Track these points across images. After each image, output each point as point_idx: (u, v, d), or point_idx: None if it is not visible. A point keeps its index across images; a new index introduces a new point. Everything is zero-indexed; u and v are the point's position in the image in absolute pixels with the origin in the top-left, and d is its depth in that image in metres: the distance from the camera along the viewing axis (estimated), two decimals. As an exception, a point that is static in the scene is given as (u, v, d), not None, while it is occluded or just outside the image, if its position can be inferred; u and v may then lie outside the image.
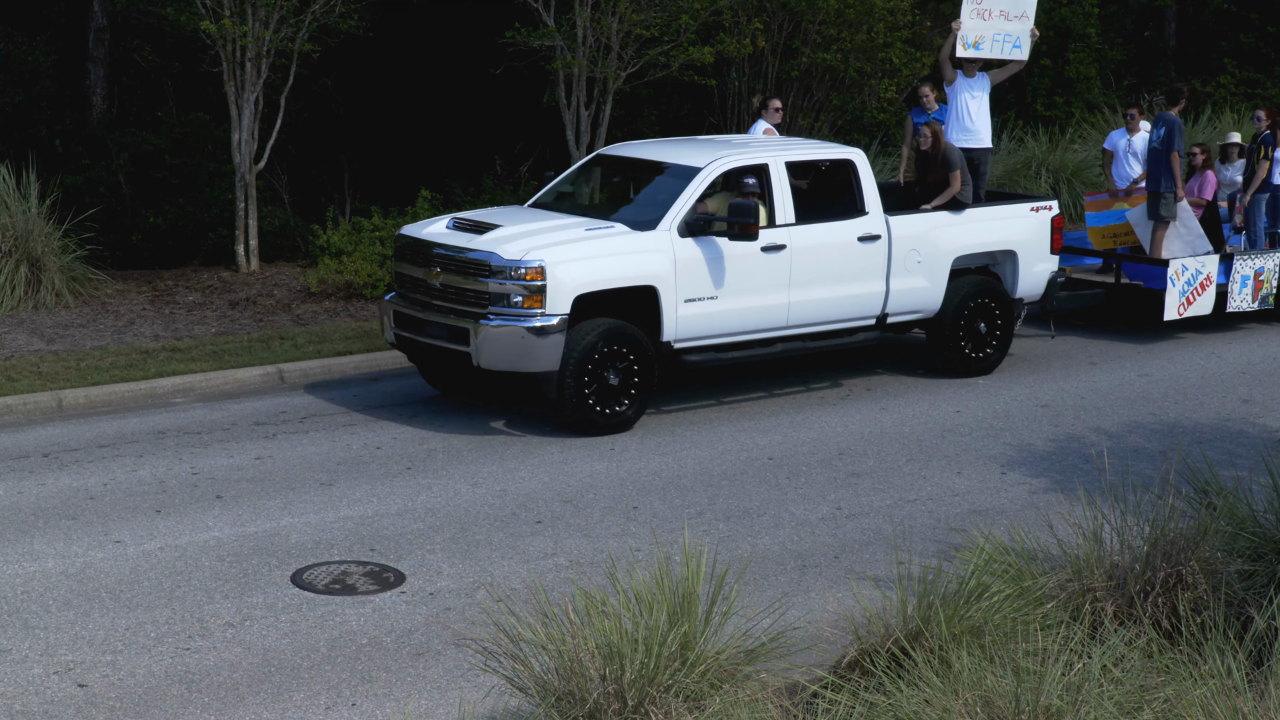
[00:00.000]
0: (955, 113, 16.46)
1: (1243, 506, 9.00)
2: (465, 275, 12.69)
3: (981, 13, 16.38)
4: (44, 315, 16.25)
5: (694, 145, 14.43)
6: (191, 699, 8.17)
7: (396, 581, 9.78)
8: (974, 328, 14.98)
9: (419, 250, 13.16)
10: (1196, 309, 16.71)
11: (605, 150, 14.79)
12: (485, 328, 12.46)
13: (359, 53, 20.34)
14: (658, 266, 12.90)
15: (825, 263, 13.82)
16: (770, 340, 13.77)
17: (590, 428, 12.71)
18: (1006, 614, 7.88)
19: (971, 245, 14.97)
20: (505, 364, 12.55)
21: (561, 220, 13.30)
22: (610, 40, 18.58)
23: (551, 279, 12.42)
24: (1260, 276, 17.12)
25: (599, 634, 7.24)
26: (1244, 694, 6.90)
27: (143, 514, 10.86)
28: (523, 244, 12.60)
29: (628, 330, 12.75)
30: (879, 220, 14.23)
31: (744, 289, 13.35)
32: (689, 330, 13.17)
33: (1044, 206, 15.52)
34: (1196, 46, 29.77)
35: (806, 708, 7.47)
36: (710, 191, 13.62)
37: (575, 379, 12.54)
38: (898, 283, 14.36)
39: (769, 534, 10.80)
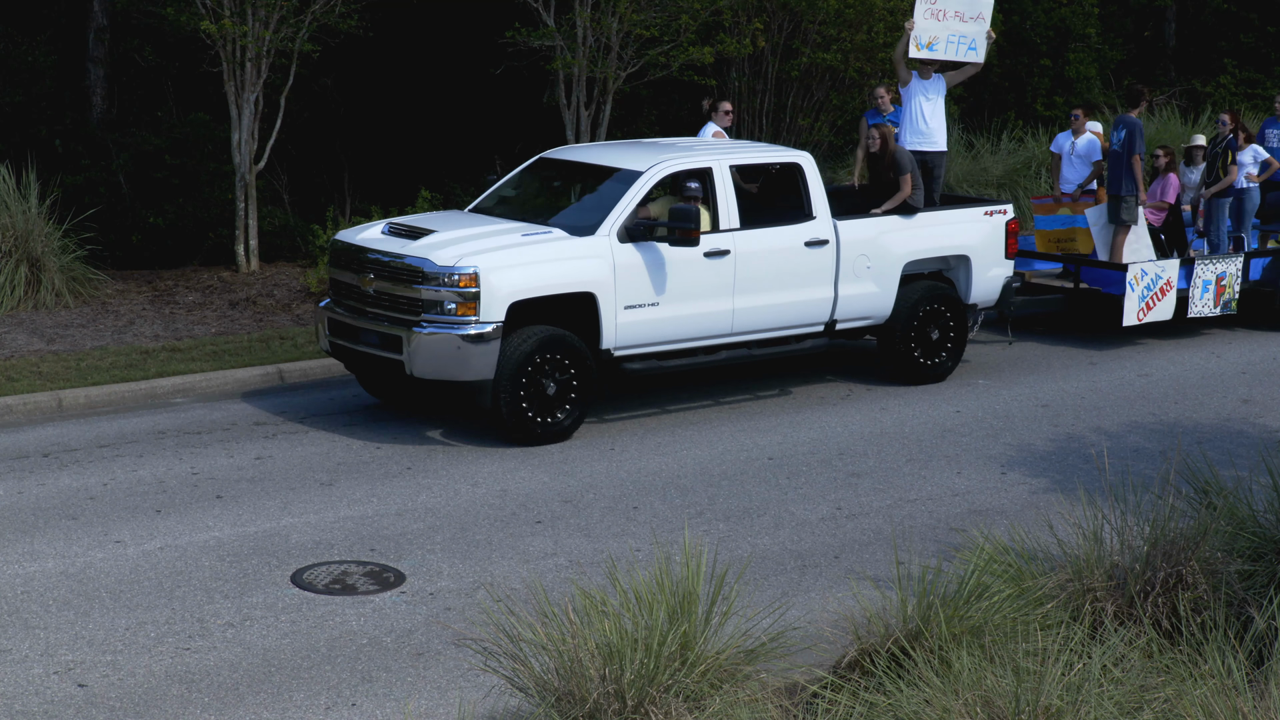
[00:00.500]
0: (909, 115, 16.08)
1: (1243, 506, 9.00)
2: (398, 282, 12.42)
3: (936, 13, 16.01)
4: (44, 315, 16.25)
5: (637, 149, 14.20)
6: (191, 699, 8.17)
7: (396, 581, 9.78)
8: (926, 334, 14.67)
9: (353, 256, 12.87)
10: (1156, 314, 16.42)
11: (548, 154, 14.45)
12: (418, 335, 12.19)
13: (359, 53, 20.34)
14: (596, 273, 12.62)
15: (771, 268, 13.54)
16: (714, 348, 13.49)
17: (526, 438, 12.43)
18: (1006, 614, 7.87)
19: (923, 250, 14.67)
20: (438, 372, 12.28)
21: (499, 225, 13.05)
22: (610, 40, 18.58)
23: (485, 286, 12.14)
24: (1223, 281, 16.83)
25: (599, 634, 7.24)
26: (1244, 694, 6.90)
27: (143, 514, 10.86)
28: (456, 250, 12.32)
29: (565, 338, 12.48)
30: (827, 225, 13.94)
31: (686, 295, 13.07)
32: (629, 338, 12.90)
33: (998, 211, 15.21)
34: (1196, 46, 29.77)
35: (806, 708, 7.47)
36: (652, 196, 13.37)
37: (511, 388, 12.27)
38: (847, 288, 14.06)
39: (769, 534, 10.80)
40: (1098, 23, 26.53)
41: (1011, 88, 25.64)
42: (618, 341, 12.85)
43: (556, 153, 14.43)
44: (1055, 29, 25.70)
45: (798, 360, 14.67)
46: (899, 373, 14.70)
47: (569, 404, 12.58)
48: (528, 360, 12.30)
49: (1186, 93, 28.16)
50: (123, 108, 20.72)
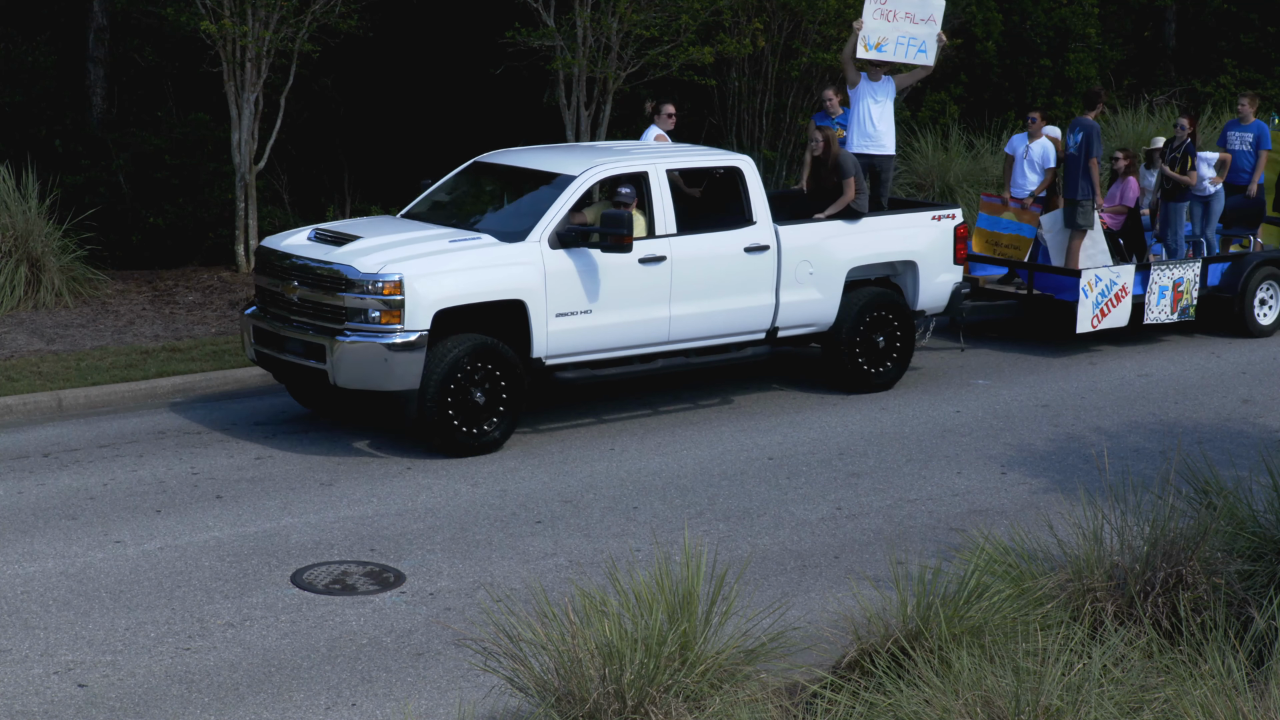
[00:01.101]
0: (857, 117, 15.72)
1: (1243, 506, 9.00)
2: (322, 289, 12.13)
3: (885, 13, 15.65)
4: (44, 315, 16.25)
5: (573, 153, 13.90)
6: (191, 699, 8.17)
7: (396, 581, 9.78)
8: (871, 342, 14.35)
9: (278, 263, 12.57)
10: (1111, 321, 16.10)
11: (482, 157, 14.09)
12: (342, 344, 11.89)
13: (359, 53, 20.34)
14: (526, 279, 12.33)
15: (709, 275, 13.25)
16: (651, 356, 13.19)
17: (454, 449, 12.13)
18: (1006, 614, 7.87)
19: (868, 256, 14.33)
20: (363, 382, 11.98)
21: (427, 231, 12.78)
22: (610, 40, 18.58)
23: (410, 293, 11.85)
24: (1180, 287, 16.52)
25: (599, 634, 7.24)
26: (1244, 694, 6.90)
27: (143, 514, 10.86)
28: (380, 256, 12.04)
29: (494, 347, 12.18)
30: (767, 230, 13.63)
31: (620, 302, 12.78)
32: (561, 346, 12.60)
33: (946, 215, 14.87)
34: (1196, 46, 29.76)
35: (806, 708, 7.47)
36: (586, 201, 13.16)
37: (437, 398, 11.97)
38: (788, 295, 13.75)
39: (769, 534, 10.80)
40: (1098, 23, 26.51)
41: (1011, 88, 25.62)
42: (549, 350, 12.54)
43: (491, 156, 14.10)
44: (1055, 29, 25.68)
45: (745, 368, 14.38)
46: (843, 381, 14.36)
47: (499, 414, 12.27)
48: (455, 370, 12.00)
49: (1186, 93, 28.15)
50: (123, 108, 20.72)
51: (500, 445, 12.33)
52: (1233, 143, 18.02)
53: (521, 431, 13.00)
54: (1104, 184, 17.42)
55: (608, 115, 19.11)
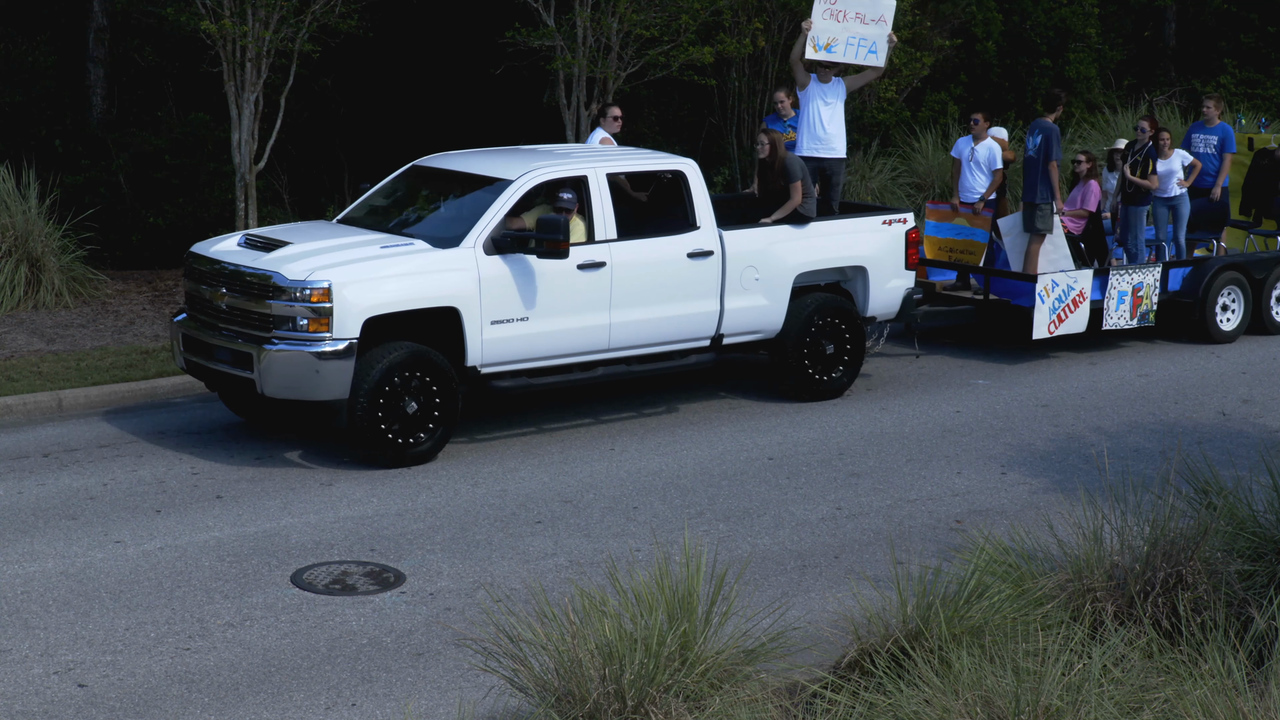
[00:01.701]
0: (807, 120, 15.40)
1: (1243, 506, 8.99)
2: (249, 296, 11.88)
3: (835, 13, 15.30)
4: (44, 315, 16.25)
5: (512, 156, 13.49)
6: (191, 699, 8.17)
7: (396, 581, 9.78)
8: (820, 349, 14.03)
9: (207, 269, 12.34)
10: (1069, 327, 15.76)
11: (421, 161, 13.79)
12: (269, 353, 11.64)
13: (359, 53, 20.34)
14: (460, 286, 12.03)
15: (651, 281, 12.96)
16: (591, 364, 12.89)
17: (386, 460, 11.85)
18: (1006, 614, 7.87)
19: (816, 261, 14.01)
20: (290, 391, 11.75)
21: (360, 237, 12.50)
22: (610, 40, 18.58)
23: (339, 300, 11.58)
24: (1139, 292, 16.19)
25: (598, 634, 7.24)
26: (1244, 694, 6.90)
27: (143, 514, 10.86)
28: (309, 263, 11.78)
29: (427, 355, 11.89)
30: (711, 235, 13.34)
31: (558, 309, 12.49)
32: (497, 354, 12.30)
33: (898, 219, 14.54)
34: (1196, 46, 29.77)
35: (806, 708, 7.47)
36: (525, 205, 12.74)
37: (368, 408, 11.69)
38: (733, 301, 13.44)
39: (769, 534, 10.80)
40: (1098, 23, 26.52)
41: (1011, 88, 25.63)
42: (484, 358, 12.26)
43: (429, 160, 13.77)
44: (1055, 29, 25.69)
45: (693, 375, 14.17)
46: (792, 389, 14.07)
47: (432, 424, 11.99)
48: (386, 379, 11.72)
49: (1186, 93, 28.15)
50: (123, 108, 20.72)
51: (434, 456, 12.05)
52: (1197, 145, 17.76)
53: (522, 431, 13.01)
54: (1065, 187, 17.18)
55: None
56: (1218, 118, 17.89)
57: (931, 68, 22.00)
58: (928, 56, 21.36)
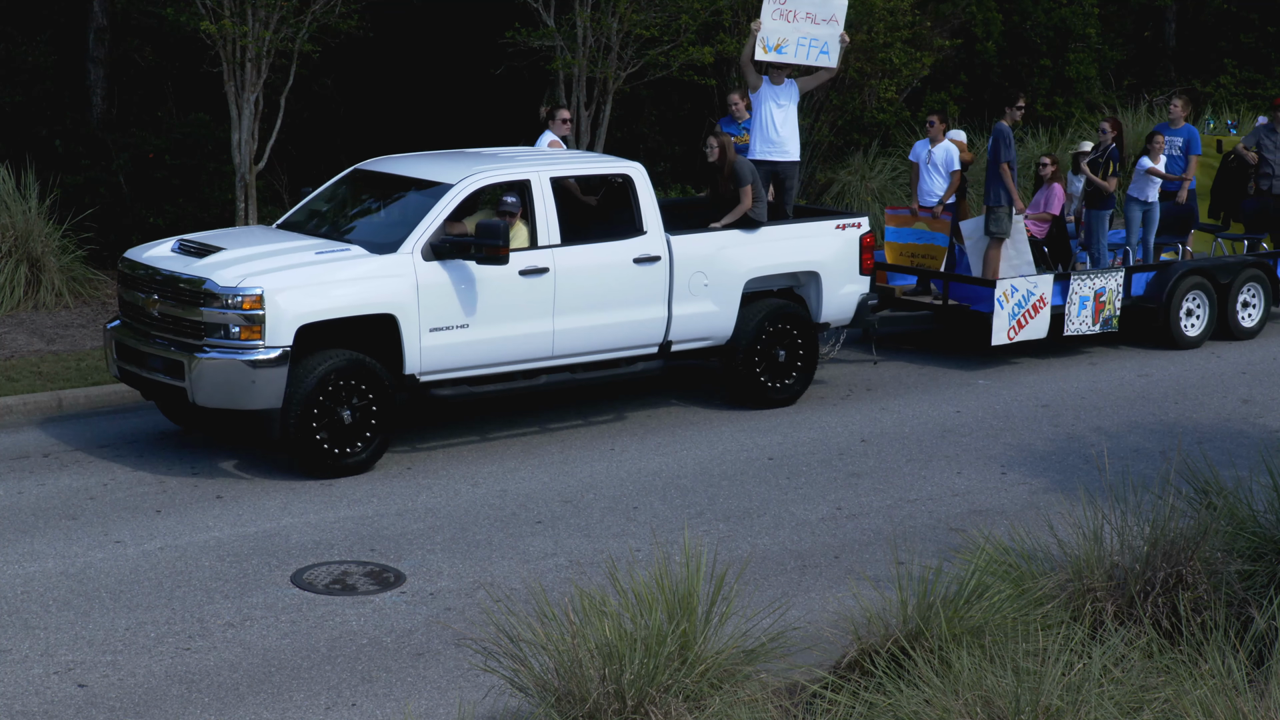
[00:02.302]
0: (759, 122, 15.04)
1: (1243, 506, 9.00)
2: (181, 303, 11.63)
3: (785, 14, 14.89)
4: (44, 315, 16.25)
5: (454, 159, 13.24)
6: (191, 699, 8.17)
7: (396, 581, 9.78)
8: (771, 356, 13.80)
9: (139, 275, 12.08)
10: (1029, 333, 15.42)
11: (362, 165, 13.57)
12: (200, 361, 11.41)
13: (359, 53, 20.34)
14: (397, 293, 11.79)
15: (595, 287, 12.72)
16: (534, 371, 12.66)
17: (321, 470, 11.61)
18: (1007, 614, 7.87)
19: (767, 266, 13.78)
20: (222, 401, 11.48)
21: (297, 242, 12.30)
22: (610, 40, 18.58)
23: (271, 307, 11.34)
24: (1102, 297, 15.88)
25: (598, 634, 7.24)
26: (1244, 694, 6.90)
27: (143, 514, 10.86)
28: (241, 269, 11.56)
29: (363, 363, 11.66)
30: (658, 240, 13.09)
31: (500, 316, 12.24)
32: (436, 362, 12.04)
33: (851, 224, 14.31)
34: (1196, 46, 29.78)
35: (806, 708, 7.47)
36: (467, 210, 12.60)
37: (301, 417, 11.43)
38: (682, 308, 13.20)
39: (769, 534, 10.80)
40: (1098, 23, 26.53)
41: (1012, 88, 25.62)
42: (423, 366, 12.00)
43: (371, 164, 13.55)
44: (1055, 29, 25.70)
45: (643, 382, 13.97)
46: (743, 396, 13.82)
47: (369, 433, 11.77)
48: (320, 388, 11.48)
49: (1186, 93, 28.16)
50: (123, 108, 20.71)
51: (371, 466, 11.83)
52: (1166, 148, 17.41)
53: (523, 432, 13.01)
54: (1029, 190, 16.95)
55: (608, 115, 19.11)
56: (1184, 119, 17.65)
57: (931, 68, 21.99)
58: (928, 56, 21.35)
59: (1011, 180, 15.74)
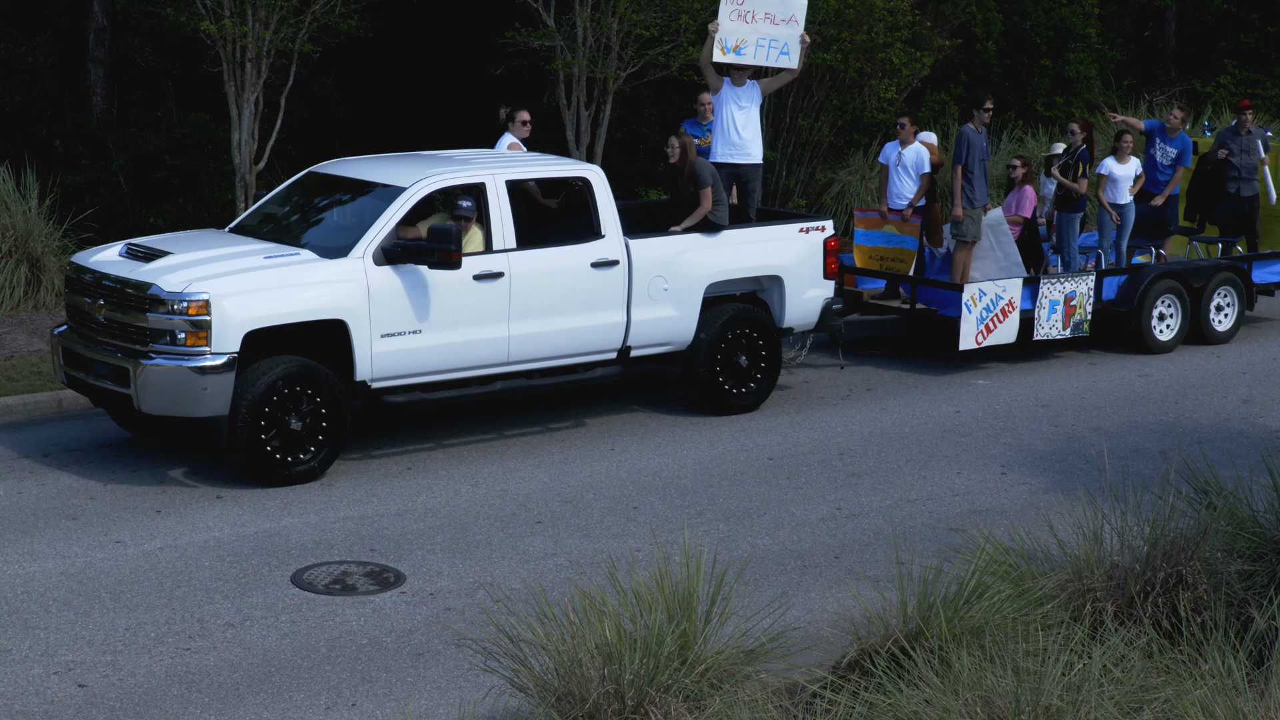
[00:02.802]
0: (721, 124, 14.82)
1: (1243, 506, 9.00)
2: (127, 309, 11.41)
3: (744, 14, 14.68)
4: (44, 315, 16.24)
5: (409, 162, 13.06)
6: (191, 699, 8.17)
7: (396, 581, 9.78)
8: (733, 361, 13.60)
9: (86, 280, 11.86)
10: (997, 337, 15.23)
11: (317, 167, 13.33)
12: (146, 367, 11.18)
13: (359, 53, 20.34)
14: (347, 298, 11.58)
15: (552, 291, 12.53)
16: (490, 378, 12.44)
17: (269, 478, 11.40)
18: (1007, 614, 7.88)
19: (728, 271, 13.58)
20: (168, 408, 11.28)
21: (246, 247, 12.08)
22: (610, 40, 18.59)
23: (217, 313, 11.13)
24: (1072, 301, 15.66)
25: (598, 634, 7.24)
26: (1244, 694, 6.90)
27: (143, 514, 10.86)
28: (187, 274, 11.33)
29: (313, 369, 11.45)
30: (617, 244, 12.89)
31: (453, 322, 12.04)
32: (388, 368, 11.84)
33: (815, 227, 14.07)
34: (1196, 46, 29.79)
35: (806, 708, 7.47)
36: (421, 213, 12.41)
37: (249, 425, 11.23)
38: (641, 312, 13.00)
39: (769, 534, 10.80)
40: (1098, 23, 26.54)
41: (1011, 88, 25.64)
42: (374, 373, 11.81)
43: (325, 166, 13.31)
44: (1055, 29, 25.70)
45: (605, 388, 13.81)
46: (705, 402, 13.63)
47: (319, 440, 11.56)
48: (268, 394, 11.28)
49: (1186, 93, 28.17)
50: (123, 108, 20.72)
51: (321, 474, 11.61)
52: (1155, 153, 17.40)
53: (523, 432, 13.01)
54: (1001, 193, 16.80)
55: (608, 115, 19.11)
56: (1181, 127, 17.50)
57: (931, 68, 21.99)
58: (928, 56, 21.35)
59: (964, 182, 15.44)
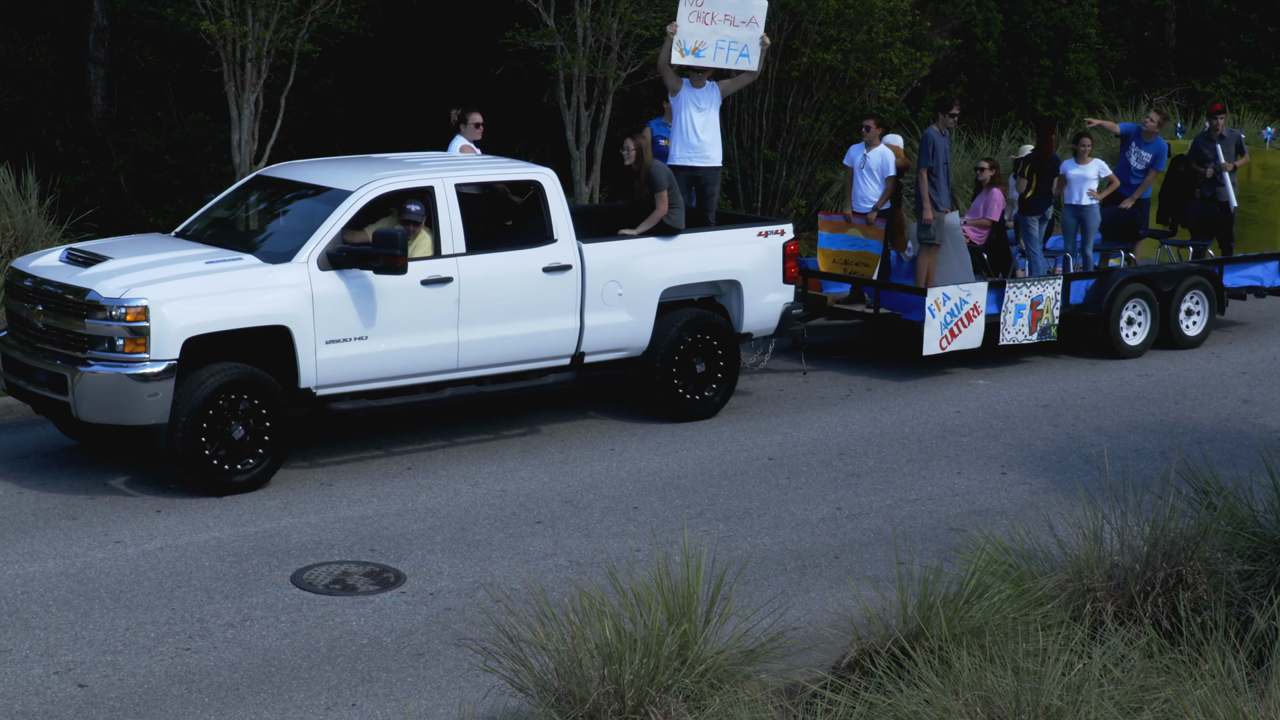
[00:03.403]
0: (679, 127, 14.45)
1: (1243, 506, 9.00)
2: (65, 315, 11.19)
3: (703, 15, 14.36)
4: (44, 315, 16.26)
5: (356, 165, 12.84)
6: (191, 699, 8.17)
7: (396, 581, 9.78)
8: (690, 367, 13.36)
9: (24, 285, 11.66)
10: (962, 342, 14.99)
11: (265, 170, 13.17)
12: (83, 375, 10.98)
13: (359, 53, 20.35)
14: (291, 304, 11.36)
15: (503, 297, 12.32)
16: (439, 384, 12.25)
17: (212, 487, 11.18)
18: (1007, 614, 7.88)
19: (684, 275, 13.37)
20: (106, 416, 11.06)
21: (188, 252, 11.82)
22: (610, 40, 18.59)
23: (156, 319, 10.92)
24: (1039, 306, 15.47)
25: (598, 634, 7.24)
26: (1244, 694, 6.90)
27: (143, 514, 10.86)
28: (125, 280, 11.10)
29: (255, 376, 11.23)
30: (569, 248, 12.69)
31: (401, 328, 11.84)
32: (334, 375, 11.63)
33: (774, 231, 13.86)
34: (1196, 46, 29.80)
35: (806, 708, 7.47)
36: (369, 218, 12.17)
37: (189, 433, 11.00)
38: (594, 318, 12.79)
39: (769, 534, 10.80)
40: (1098, 23, 26.54)
41: (1012, 88, 25.65)
42: (319, 380, 11.58)
43: (274, 169, 13.14)
44: (1055, 29, 25.71)
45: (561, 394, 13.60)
46: (661, 408, 13.38)
47: (262, 449, 11.34)
48: (209, 402, 11.05)
49: (1186, 93, 28.17)
50: (123, 108, 20.73)
51: (266, 482, 11.40)
52: (1130, 157, 17.21)
53: (523, 432, 13.01)
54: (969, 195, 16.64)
55: (608, 115, 19.12)
56: (1157, 131, 17.24)
57: (931, 68, 21.98)
58: (928, 56, 21.34)
59: (929, 186, 15.26)
